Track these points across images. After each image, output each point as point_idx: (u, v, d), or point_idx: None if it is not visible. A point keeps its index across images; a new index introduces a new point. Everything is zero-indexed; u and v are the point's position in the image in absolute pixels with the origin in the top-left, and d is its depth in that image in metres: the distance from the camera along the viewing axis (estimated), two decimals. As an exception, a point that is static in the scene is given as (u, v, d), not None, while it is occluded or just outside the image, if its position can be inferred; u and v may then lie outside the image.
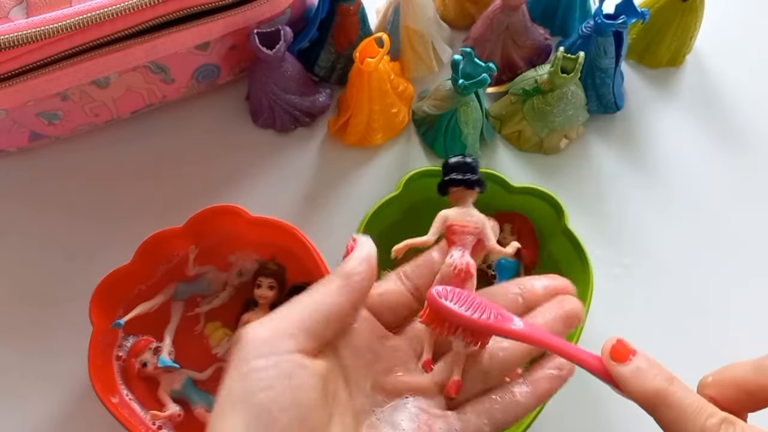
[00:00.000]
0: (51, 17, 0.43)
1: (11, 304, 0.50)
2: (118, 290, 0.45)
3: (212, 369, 0.47)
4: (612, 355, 0.28)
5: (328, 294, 0.29)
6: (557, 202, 0.47)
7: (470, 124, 0.53)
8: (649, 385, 0.27)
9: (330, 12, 0.53)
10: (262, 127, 0.56)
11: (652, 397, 0.27)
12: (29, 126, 0.50)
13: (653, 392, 0.27)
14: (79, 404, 0.47)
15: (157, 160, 0.55)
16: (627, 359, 0.28)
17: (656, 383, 0.27)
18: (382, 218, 0.47)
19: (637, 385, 0.27)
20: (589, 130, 0.57)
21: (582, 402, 0.48)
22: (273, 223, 0.46)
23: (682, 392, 0.27)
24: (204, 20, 0.48)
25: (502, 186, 0.48)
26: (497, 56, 0.56)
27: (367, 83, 0.50)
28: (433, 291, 0.30)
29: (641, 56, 0.59)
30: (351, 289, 0.29)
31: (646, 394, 0.27)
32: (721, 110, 0.59)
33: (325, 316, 0.29)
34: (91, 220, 0.52)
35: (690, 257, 0.53)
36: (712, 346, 0.49)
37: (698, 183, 0.55)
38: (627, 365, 0.28)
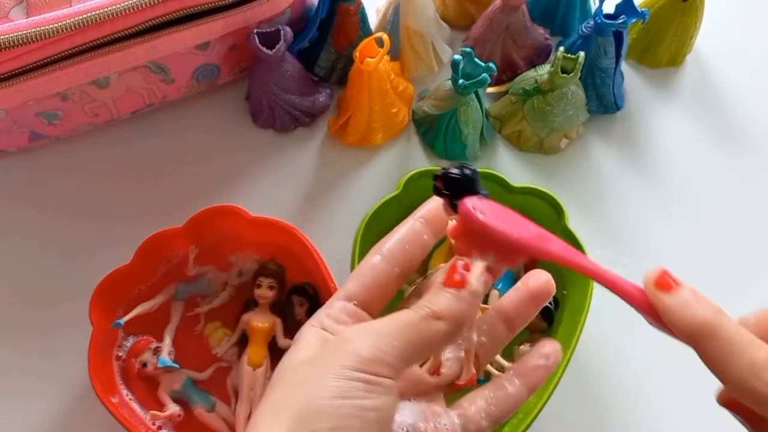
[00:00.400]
0: (51, 17, 0.43)
1: (11, 304, 0.50)
2: (118, 290, 0.45)
3: (212, 369, 0.47)
4: (657, 285, 0.26)
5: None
6: (557, 202, 0.47)
7: (470, 124, 0.53)
8: (699, 317, 0.25)
9: (330, 12, 0.53)
10: (262, 127, 0.56)
11: (699, 329, 0.25)
12: (29, 126, 0.50)
13: (700, 324, 0.25)
14: (79, 404, 0.47)
15: (157, 160, 0.55)
16: (672, 289, 0.26)
17: (705, 314, 0.25)
18: (382, 218, 0.47)
19: (684, 316, 0.26)
20: (589, 130, 0.57)
21: (582, 402, 0.48)
22: (273, 223, 0.46)
23: (731, 325, 0.25)
24: (204, 20, 0.48)
25: (502, 186, 0.48)
26: (497, 56, 0.56)
27: (367, 83, 0.50)
28: (468, 203, 0.28)
29: (641, 56, 0.59)
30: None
31: (692, 326, 0.25)
32: (721, 110, 0.59)
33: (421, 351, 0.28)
34: (91, 220, 0.52)
35: (690, 257, 0.53)
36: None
37: (698, 183, 0.55)
38: (673, 296, 0.26)
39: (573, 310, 0.45)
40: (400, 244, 0.32)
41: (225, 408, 0.46)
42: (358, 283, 0.31)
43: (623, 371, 0.49)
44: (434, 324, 0.27)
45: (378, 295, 0.31)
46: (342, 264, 0.47)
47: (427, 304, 0.28)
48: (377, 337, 0.27)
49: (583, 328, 0.44)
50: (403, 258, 0.31)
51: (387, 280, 0.31)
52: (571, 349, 0.43)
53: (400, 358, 0.27)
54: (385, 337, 0.27)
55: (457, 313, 0.28)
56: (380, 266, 0.31)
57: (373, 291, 0.31)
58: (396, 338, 0.27)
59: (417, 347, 0.27)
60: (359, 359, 0.26)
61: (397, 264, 0.31)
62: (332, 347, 0.27)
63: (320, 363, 0.27)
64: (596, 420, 0.48)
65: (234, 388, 0.47)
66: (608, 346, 0.49)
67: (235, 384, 0.47)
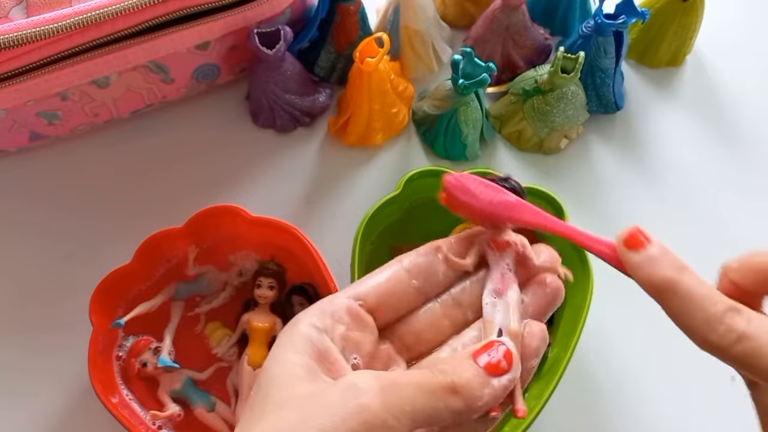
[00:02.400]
0: (51, 17, 0.43)
1: (11, 304, 0.50)
2: (118, 290, 0.45)
3: (212, 369, 0.47)
4: (626, 243, 0.27)
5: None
6: (557, 202, 0.47)
7: (470, 124, 0.53)
8: (659, 274, 0.26)
9: (330, 12, 0.53)
10: (262, 127, 0.56)
11: (662, 285, 0.26)
12: (29, 126, 0.50)
13: (661, 280, 0.26)
14: (79, 404, 0.47)
15: (156, 160, 0.55)
16: (640, 247, 0.27)
17: (666, 272, 0.26)
18: (382, 218, 0.47)
19: (647, 273, 0.27)
20: (589, 130, 0.57)
21: (582, 402, 0.48)
22: (273, 223, 0.46)
23: (691, 281, 0.26)
24: (204, 20, 0.48)
25: (502, 186, 0.48)
26: (497, 56, 0.56)
27: (367, 83, 0.50)
28: (448, 176, 0.29)
29: (641, 56, 0.59)
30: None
31: (654, 282, 0.26)
32: (721, 110, 0.59)
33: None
34: (90, 220, 0.52)
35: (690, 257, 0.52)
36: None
37: (698, 183, 0.55)
38: (639, 253, 0.27)
39: (573, 310, 0.45)
40: (426, 260, 0.30)
41: (225, 408, 0.46)
42: (371, 285, 0.29)
43: (623, 371, 0.49)
44: (452, 399, 0.25)
45: (389, 303, 0.29)
46: (342, 264, 0.47)
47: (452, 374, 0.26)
48: (391, 397, 0.24)
49: (583, 327, 0.44)
50: (426, 272, 0.30)
51: (403, 289, 0.29)
52: (571, 349, 0.43)
53: (409, 425, 0.25)
54: (398, 400, 0.24)
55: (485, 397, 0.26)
56: (399, 274, 0.29)
57: (385, 297, 0.29)
58: (409, 403, 0.25)
59: (428, 418, 0.25)
60: (367, 422, 0.24)
61: (417, 278, 0.29)
62: (340, 395, 0.25)
63: (324, 412, 0.24)
64: (596, 420, 0.48)
65: (234, 388, 0.47)
66: (608, 346, 0.49)
67: (235, 384, 0.47)
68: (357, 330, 0.28)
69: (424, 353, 0.30)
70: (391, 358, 0.29)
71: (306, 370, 0.26)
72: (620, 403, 0.48)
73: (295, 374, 0.26)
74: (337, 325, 0.28)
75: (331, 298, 0.29)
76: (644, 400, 0.48)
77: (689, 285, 0.26)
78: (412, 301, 0.30)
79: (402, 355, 0.30)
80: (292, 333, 0.27)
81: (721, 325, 0.25)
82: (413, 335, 0.30)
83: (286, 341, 0.27)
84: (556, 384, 0.42)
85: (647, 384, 0.49)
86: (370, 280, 0.29)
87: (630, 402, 0.48)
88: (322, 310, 0.28)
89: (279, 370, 0.26)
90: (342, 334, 0.28)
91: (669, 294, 0.26)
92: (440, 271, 0.30)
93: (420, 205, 0.49)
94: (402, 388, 0.25)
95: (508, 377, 0.26)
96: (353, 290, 0.29)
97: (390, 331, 0.30)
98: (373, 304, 0.29)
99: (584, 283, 0.45)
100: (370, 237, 0.47)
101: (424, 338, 0.30)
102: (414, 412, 0.25)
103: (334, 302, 0.29)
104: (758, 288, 0.27)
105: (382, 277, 0.29)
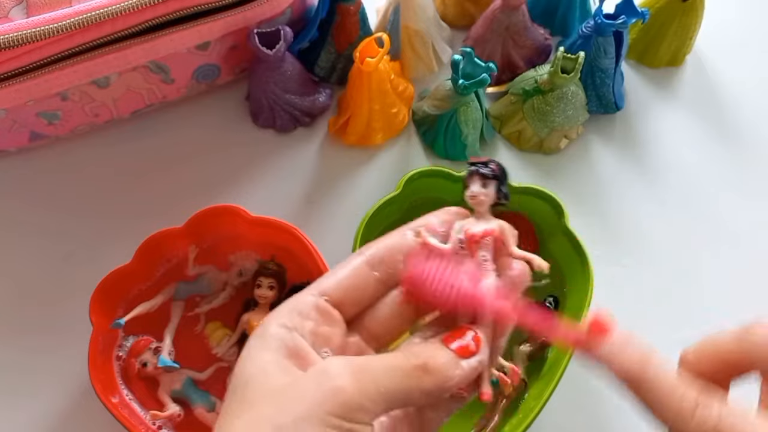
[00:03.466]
0: (51, 17, 0.43)
1: (11, 304, 0.50)
2: (118, 290, 0.45)
3: (212, 369, 0.47)
4: (590, 332, 0.27)
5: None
6: (557, 202, 0.47)
7: (470, 124, 0.53)
8: (626, 367, 0.26)
9: (330, 12, 0.53)
10: (262, 127, 0.56)
11: (629, 379, 0.26)
12: (29, 126, 0.50)
13: (628, 375, 0.26)
14: (79, 404, 0.47)
15: (156, 160, 0.55)
16: (604, 338, 0.27)
17: (632, 365, 0.26)
18: (382, 218, 0.47)
19: (615, 367, 0.27)
20: (589, 130, 0.57)
21: (582, 402, 0.48)
22: (273, 223, 0.46)
23: (656, 373, 0.26)
24: (204, 20, 0.48)
25: (502, 186, 0.48)
26: (497, 56, 0.56)
27: (367, 83, 0.50)
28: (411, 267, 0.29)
29: (641, 56, 0.59)
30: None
31: (624, 376, 0.26)
32: (721, 110, 0.59)
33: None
34: (90, 220, 0.52)
35: (690, 257, 0.53)
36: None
37: (698, 183, 0.55)
38: (606, 345, 0.27)
39: (573, 310, 0.45)
40: (386, 249, 0.30)
41: (225, 408, 0.46)
42: (334, 280, 0.30)
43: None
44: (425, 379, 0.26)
45: (353, 297, 0.30)
46: (342, 264, 0.47)
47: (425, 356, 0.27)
48: (363, 379, 0.25)
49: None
50: (386, 264, 0.30)
51: (365, 282, 0.30)
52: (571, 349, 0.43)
53: (383, 405, 0.25)
54: (371, 382, 0.25)
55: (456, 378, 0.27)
56: (360, 267, 0.30)
57: (349, 291, 0.29)
58: (383, 384, 0.25)
59: (401, 398, 0.26)
60: (342, 404, 0.24)
61: (378, 269, 0.30)
62: (314, 381, 0.25)
63: (300, 400, 0.25)
64: (596, 420, 0.48)
65: (234, 388, 0.47)
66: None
67: (235, 384, 0.46)
68: (325, 325, 0.29)
69: (391, 341, 0.31)
70: (361, 350, 0.30)
71: (279, 367, 0.26)
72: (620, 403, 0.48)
73: (269, 371, 0.26)
74: (305, 321, 0.28)
75: (297, 297, 0.29)
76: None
77: (656, 377, 0.26)
78: (374, 292, 0.30)
79: (371, 345, 0.30)
80: (263, 334, 0.28)
81: (693, 420, 0.25)
82: (379, 325, 0.30)
83: (257, 343, 0.28)
84: (556, 384, 0.42)
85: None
86: (333, 275, 0.30)
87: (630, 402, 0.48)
88: (289, 310, 0.29)
89: (252, 369, 0.27)
90: (311, 330, 0.28)
91: (637, 388, 0.26)
92: (400, 259, 0.30)
93: (420, 205, 0.49)
94: (374, 370, 0.26)
95: (477, 358, 0.28)
96: (318, 287, 0.30)
97: (357, 323, 0.30)
98: (338, 299, 0.29)
99: (584, 283, 0.45)
100: (370, 237, 0.47)
101: (389, 326, 0.30)
102: (387, 392, 0.25)
103: (301, 300, 0.29)
104: (718, 375, 0.27)
105: (345, 271, 0.30)
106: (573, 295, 0.46)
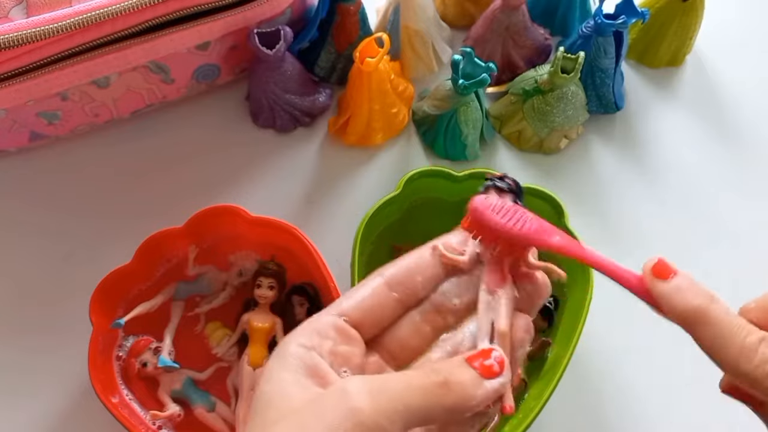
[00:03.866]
0: (51, 17, 0.43)
1: (11, 304, 0.50)
2: (118, 290, 0.45)
3: (212, 369, 0.47)
4: (653, 272, 0.28)
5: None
6: (557, 202, 0.47)
7: (470, 124, 0.53)
8: (690, 303, 0.27)
9: (330, 12, 0.53)
10: (262, 127, 0.56)
11: (693, 314, 0.27)
12: (29, 126, 0.50)
13: (693, 310, 0.27)
14: (79, 404, 0.47)
15: (156, 160, 0.55)
16: (668, 277, 0.28)
17: (698, 301, 0.27)
18: (382, 218, 0.47)
19: (679, 302, 0.27)
20: (589, 130, 0.57)
21: (582, 402, 0.48)
22: (273, 223, 0.46)
23: (722, 310, 0.27)
24: (204, 20, 0.48)
25: (502, 186, 0.48)
26: (497, 56, 0.56)
27: (367, 83, 0.50)
28: (476, 201, 0.29)
29: (641, 56, 0.59)
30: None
31: (686, 311, 0.27)
32: (721, 110, 0.59)
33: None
34: (91, 220, 0.52)
35: (690, 257, 0.52)
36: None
37: (698, 182, 0.55)
38: (668, 282, 0.28)
39: (573, 310, 0.45)
40: (405, 270, 0.30)
41: (225, 408, 0.46)
42: (353, 301, 0.30)
43: (623, 371, 0.49)
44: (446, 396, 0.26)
45: (372, 317, 0.30)
46: (342, 264, 0.47)
47: (446, 373, 0.26)
48: (381, 398, 0.25)
49: (583, 328, 0.44)
50: (405, 285, 0.30)
51: (384, 302, 0.30)
52: (571, 349, 0.43)
53: (401, 424, 0.25)
54: (389, 401, 0.25)
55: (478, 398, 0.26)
56: (379, 288, 0.30)
57: (368, 312, 0.30)
58: (401, 403, 0.25)
59: (421, 416, 0.26)
60: (360, 424, 0.24)
61: (396, 290, 0.30)
62: (332, 401, 0.25)
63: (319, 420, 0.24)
64: (596, 420, 0.48)
65: (234, 388, 0.47)
66: (608, 346, 0.49)
67: (235, 384, 0.47)
68: (344, 344, 0.29)
69: (411, 360, 0.30)
70: (381, 369, 0.30)
71: (299, 386, 0.27)
72: (620, 403, 0.48)
73: (289, 391, 0.26)
74: (324, 341, 0.28)
75: (317, 317, 0.30)
76: (644, 400, 0.48)
77: (721, 314, 0.27)
78: (393, 313, 0.30)
79: (390, 365, 0.30)
80: (282, 354, 0.28)
81: (756, 355, 0.26)
82: (398, 344, 0.30)
83: (277, 363, 0.28)
84: (556, 384, 0.42)
85: (647, 384, 0.49)
86: (352, 296, 0.30)
87: (630, 402, 0.48)
88: (308, 330, 0.29)
89: (272, 389, 0.27)
90: (330, 350, 0.28)
91: (700, 323, 0.27)
92: (418, 280, 0.30)
93: (420, 205, 0.49)
94: (392, 389, 0.25)
95: (500, 380, 0.27)
96: (337, 307, 0.30)
97: (376, 342, 0.30)
98: (358, 319, 0.29)
99: (584, 283, 0.45)
100: (370, 237, 0.47)
101: (409, 346, 0.30)
102: (407, 411, 0.25)
103: (320, 321, 0.29)
104: None
105: (364, 292, 0.30)
106: (573, 295, 0.46)
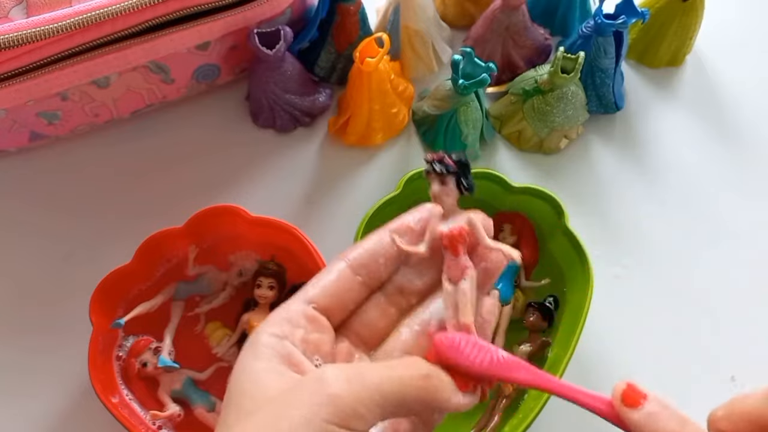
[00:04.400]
0: (51, 17, 0.43)
1: (11, 304, 0.50)
2: (118, 290, 0.45)
3: (212, 369, 0.47)
4: (624, 401, 0.27)
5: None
6: (557, 202, 0.47)
7: (470, 124, 0.53)
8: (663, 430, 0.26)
9: (330, 12, 0.53)
10: (262, 127, 0.56)
11: None
12: (29, 126, 0.50)
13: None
14: (79, 404, 0.47)
15: (156, 160, 0.55)
16: (639, 404, 0.27)
17: (670, 426, 0.26)
18: (382, 218, 0.47)
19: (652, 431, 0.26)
20: (589, 130, 0.57)
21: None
22: (273, 223, 0.46)
23: None
24: (204, 20, 0.48)
25: (502, 186, 0.48)
26: (497, 56, 0.56)
27: (367, 83, 0.50)
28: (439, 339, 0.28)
29: (641, 56, 0.59)
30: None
31: None
32: (721, 110, 0.59)
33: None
34: (91, 220, 0.52)
35: (690, 257, 0.53)
36: (713, 346, 0.49)
37: (698, 183, 0.55)
38: (639, 411, 0.27)
39: (573, 310, 0.45)
40: (367, 253, 0.31)
41: (225, 408, 0.46)
42: (320, 287, 0.30)
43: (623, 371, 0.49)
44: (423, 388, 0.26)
45: (339, 302, 0.30)
46: (342, 264, 0.47)
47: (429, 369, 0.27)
48: (358, 386, 0.25)
49: (583, 328, 0.44)
50: (368, 268, 0.30)
51: (349, 287, 0.30)
52: (571, 349, 0.43)
53: (378, 412, 0.25)
54: (366, 389, 0.25)
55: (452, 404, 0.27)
56: (343, 273, 0.30)
57: (335, 297, 0.30)
58: (377, 391, 0.25)
59: (396, 406, 0.26)
60: (337, 410, 0.24)
61: (360, 273, 0.30)
62: (310, 388, 0.25)
63: (297, 408, 0.25)
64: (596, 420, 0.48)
65: (234, 388, 0.47)
66: (608, 346, 0.49)
67: (235, 384, 0.46)
68: (315, 332, 0.29)
69: (380, 342, 0.31)
70: (351, 354, 0.30)
71: (275, 373, 0.27)
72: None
73: (264, 380, 0.26)
74: (295, 330, 0.29)
75: (286, 306, 0.30)
76: (644, 400, 0.48)
77: None
78: (359, 296, 0.31)
79: (360, 349, 0.31)
80: (255, 345, 0.28)
81: None
82: (366, 327, 0.31)
83: (250, 353, 0.28)
84: (556, 384, 0.42)
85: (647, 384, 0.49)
86: (318, 282, 0.30)
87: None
88: (279, 319, 0.29)
89: (246, 378, 0.27)
90: (302, 338, 0.28)
91: None
92: (381, 262, 0.31)
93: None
94: (371, 377, 0.26)
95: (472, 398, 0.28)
96: (304, 295, 0.30)
97: (344, 328, 0.31)
98: (325, 305, 0.30)
99: (584, 283, 0.45)
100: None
101: (376, 328, 0.31)
102: (383, 400, 0.25)
103: (290, 309, 0.29)
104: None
105: (329, 277, 0.30)
106: (573, 295, 0.46)
